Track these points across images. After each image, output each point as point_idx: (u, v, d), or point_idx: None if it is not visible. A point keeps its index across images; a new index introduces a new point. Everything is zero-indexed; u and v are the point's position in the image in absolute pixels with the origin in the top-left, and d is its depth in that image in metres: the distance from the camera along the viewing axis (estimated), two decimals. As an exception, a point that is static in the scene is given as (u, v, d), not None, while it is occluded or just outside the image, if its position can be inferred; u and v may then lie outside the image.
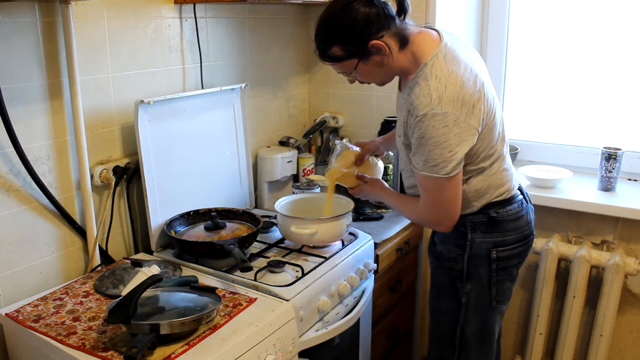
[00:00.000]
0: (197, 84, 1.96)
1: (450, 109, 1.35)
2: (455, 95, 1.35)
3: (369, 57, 1.42)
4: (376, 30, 1.39)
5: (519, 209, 1.60)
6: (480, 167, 1.52)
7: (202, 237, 1.70)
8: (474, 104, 1.38)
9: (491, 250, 1.56)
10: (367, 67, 1.45)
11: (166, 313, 1.26)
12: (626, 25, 2.15)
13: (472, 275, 1.59)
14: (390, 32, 1.40)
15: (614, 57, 2.20)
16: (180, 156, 1.82)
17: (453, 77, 1.37)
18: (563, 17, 2.27)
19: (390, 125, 2.21)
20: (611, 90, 2.23)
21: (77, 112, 1.54)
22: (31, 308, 1.42)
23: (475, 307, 1.61)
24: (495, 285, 1.59)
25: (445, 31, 1.50)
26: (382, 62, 1.43)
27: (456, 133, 1.36)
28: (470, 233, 1.56)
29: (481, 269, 1.58)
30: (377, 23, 1.38)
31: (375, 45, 1.39)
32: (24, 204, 1.51)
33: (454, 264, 1.60)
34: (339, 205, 1.84)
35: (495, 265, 1.57)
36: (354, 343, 1.87)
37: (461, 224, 1.54)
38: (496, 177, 1.55)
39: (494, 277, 1.58)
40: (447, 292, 1.64)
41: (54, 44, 1.51)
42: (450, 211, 1.47)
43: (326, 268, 1.64)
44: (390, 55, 1.42)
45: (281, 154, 2.20)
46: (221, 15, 2.02)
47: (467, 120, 1.37)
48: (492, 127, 1.48)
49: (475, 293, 1.60)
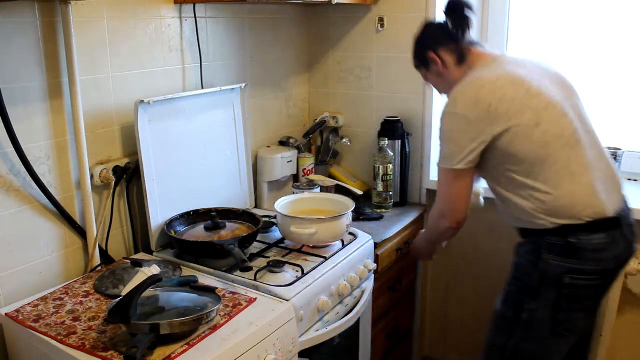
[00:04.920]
0: (197, 84, 1.96)
1: (461, 109, 1.51)
2: (470, 97, 1.50)
3: (429, 68, 1.68)
4: (433, 44, 1.64)
5: (606, 241, 1.47)
6: (534, 170, 1.48)
7: (202, 237, 1.70)
8: (491, 102, 1.47)
9: (564, 275, 1.47)
10: (431, 76, 1.71)
11: (166, 313, 1.26)
12: (626, 25, 2.15)
13: (540, 295, 1.50)
14: (448, 48, 1.63)
15: (613, 57, 2.20)
16: (180, 156, 1.82)
17: (475, 82, 1.52)
18: (563, 16, 2.27)
19: (390, 125, 2.21)
20: (611, 90, 2.23)
21: (77, 112, 1.54)
22: (31, 308, 1.42)
23: (536, 328, 1.52)
24: (564, 311, 1.49)
25: (509, 55, 1.65)
26: (440, 73, 1.66)
27: (464, 130, 1.51)
28: (545, 253, 1.49)
29: (550, 291, 1.49)
30: (434, 39, 1.65)
31: (430, 56, 1.65)
32: (24, 204, 1.51)
33: (526, 278, 1.54)
34: (339, 205, 1.84)
35: (567, 291, 1.48)
36: (354, 343, 1.87)
37: (538, 241, 1.51)
38: (571, 195, 1.47)
39: (563, 303, 1.49)
40: (512, 303, 1.57)
41: (54, 44, 1.51)
42: (454, 205, 1.60)
43: (326, 268, 1.64)
44: (446, 68, 1.64)
45: (281, 154, 2.20)
46: (221, 15, 2.02)
47: (478, 118, 1.48)
48: (546, 132, 1.46)
49: (540, 314, 1.51)
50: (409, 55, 1.71)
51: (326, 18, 2.39)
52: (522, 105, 1.47)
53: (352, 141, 2.41)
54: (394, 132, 2.21)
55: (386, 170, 2.15)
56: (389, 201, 2.21)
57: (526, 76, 1.52)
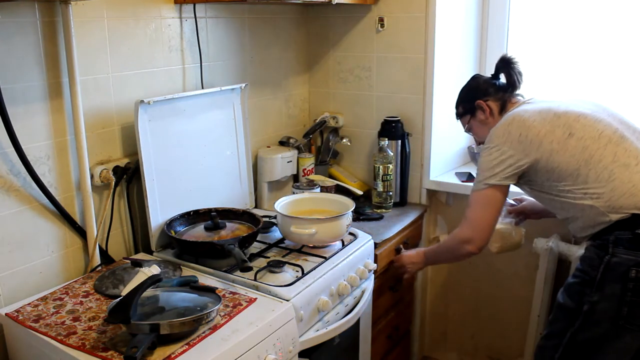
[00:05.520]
0: (197, 84, 1.96)
1: (495, 143, 1.63)
2: (502, 132, 1.63)
3: (475, 114, 1.81)
4: (483, 94, 1.80)
5: None
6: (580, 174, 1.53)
7: (202, 237, 1.70)
8: (521, 132, 1.59)
9: (631, 268, 1.46)
10: (475, 123, 1.83)
11: (166, 313, 1.26)
12: (626, 24, 2.15)
13: (604, 288, 1.50)
14: (495, 98, 1.79)
15: (614, 57, 2.20)
16: (180, 156, 1.82)
17: (505, 119, 1.65)
18: (563, 16, 2.27)
19: (390, 125, 2.21)
20: (611, 90, 2.23)
21: (77, 112, 1.54)
22: (31, 308, 1.42)
23: (597, 319, 1.51)
24: (628, 305, 1.48)
25: (538, 98, 1.76)
26: (485, 121, 1.80)
27: (498, 157, 1.61)
28: (612, 247, 1.49)
29: (615, 285, 1.48)
30: (484, 89, 1.81)
31: (479, 104, 1.79)
32: (24, 204, 1.51)
33: (590, 269, 1.53)
34: (339, 205, 1.84)
35: (632, 285, 1.46)
36: (354, 343, 1.87)
37: (606, 237, 1.51)
38: (629, 183, 1.49)
39: (627, 297, 1.47)
40: (574, 293, 1.57)
41: (54, 44, 1.51)
42: (483, 232, 1.67)
43: (326, 268, 1.64)
44: (491, 116, 1.78)
45: (281, 154, 2.20)
46: (221, 15, 2.02)
47: (510, 146, 1.60)
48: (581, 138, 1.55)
49: (602, 306, 1.50)
50: (409, 55, 1.72)
51: (326, 18, 2.39)
52: (551, 126, 1.58)
53: (352, 141, 2.41)
54: (394, 132, 2.21)
55: (386, 170, 2.15)
56: (389, 201, 2.21)
57: (552, 104, 1.65)
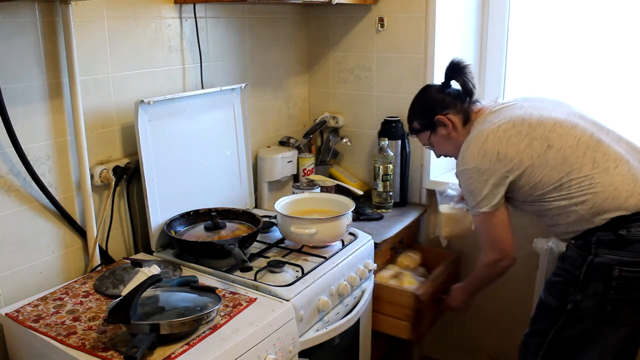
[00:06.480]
0: (197, 84, 1.96)
1: (471, 164, 1.59)
2: (477, 151, 1.58)
3: (436, 130, 1.74)
4: (441, 107, 1.72)
5: None
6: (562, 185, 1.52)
7: (202, 237, 1.70)
8: (499, 150, 1.56)
9: (614, 267, 1.47)
10: (437, 139, 1.77)
11: (166, 313, 1.26)
12: (626, 24, 2.15)
13: (587, 287, 1.50)
14: (455, 111, 1.71)
15: (614, 57, 2.20)
16: (180, 156, 1.82)
17: (479, 136, 1.60)
18: (563, 16, 2.27)
19: (390, 125, 2.21)
20: (611, 90, 2.23)
21: (77, 112, 1.54)
22: (31, 308, 1.42)
23: (581, 317, 1.52)
24: (612, 303, 1.49)
25: (501, 101, 1.74)
26: (448, 135, 1.73)
27: (479, 179, 1.59)
28: (594, 247, 1.50)
29: (598, 284, 1.49)
30: (441, 102, 1.72)
31: (439, 119, 1.72)
32: (24, 204, 1.51)
33: (572, 269, 1.54)
34: (339, 205, 1.84)
35: (615, 283, 1.47)
36: (354, 343, 1.87)
37: (589, 237, 1.52)
38: (610, 187, 1.49)
39: (611, 295, 1.48)
40: (557, 292, 1.57)
41: (54, 44, 1.51)
42: (502, 244, 1.64)
43: (326, 268, 1.64)
44: (455, 129, 1.72)
45: (281, 154, 2.20)
46: (221, 15, 2.02)
47: (490, 166, 1.57)
48: (560, 149, 1.53)
49: (586, 305, 1.51)
50: (409, 55, 1.71)
51: (326, 18, 2.39)
52: (529, 139, 1.55)
53: (352, 141, 2.41)
54: (394, 132, 2.21)
55: (386, 170, 2.15)
56: (389, 201, 2.21)
57: (524, 114, 1.60)
